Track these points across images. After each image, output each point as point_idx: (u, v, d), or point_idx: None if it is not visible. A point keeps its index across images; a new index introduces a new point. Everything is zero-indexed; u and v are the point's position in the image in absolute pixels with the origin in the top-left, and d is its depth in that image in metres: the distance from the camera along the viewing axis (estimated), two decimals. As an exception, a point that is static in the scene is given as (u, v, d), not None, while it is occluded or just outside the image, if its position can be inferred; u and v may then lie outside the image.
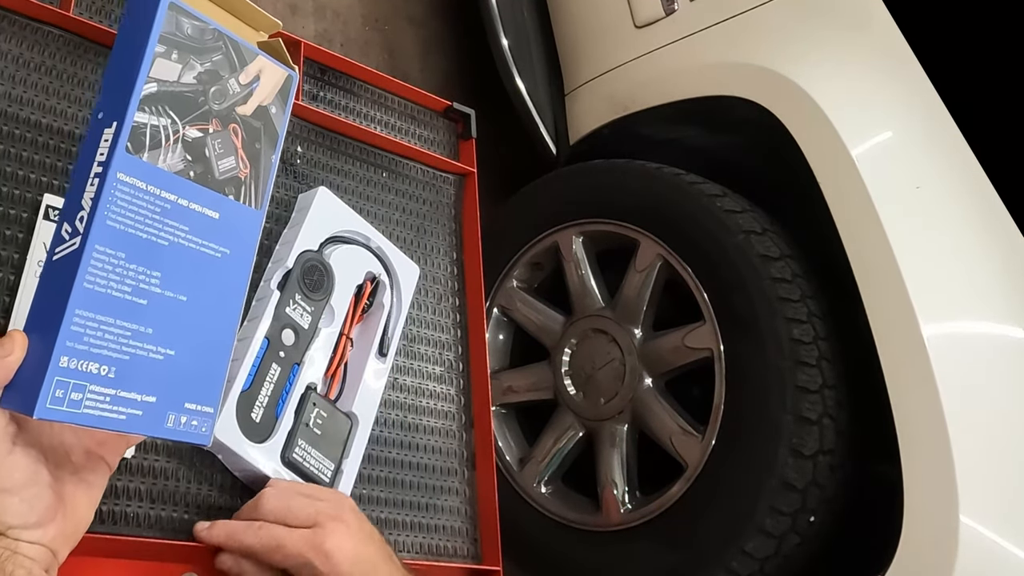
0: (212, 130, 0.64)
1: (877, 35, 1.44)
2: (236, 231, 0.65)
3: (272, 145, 0.68)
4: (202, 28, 0.64)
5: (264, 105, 0.68)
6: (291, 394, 0.86)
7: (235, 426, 0.81)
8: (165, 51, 0.61)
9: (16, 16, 0.84)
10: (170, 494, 0.80)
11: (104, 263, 0.58)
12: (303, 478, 0.85)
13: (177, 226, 0.62)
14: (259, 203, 0.67)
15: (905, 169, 1.39)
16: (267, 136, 0.68)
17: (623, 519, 1.50)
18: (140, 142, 0.60)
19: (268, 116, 0.68)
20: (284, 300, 0.87)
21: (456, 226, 1.12)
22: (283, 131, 0.69)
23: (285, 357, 0.86)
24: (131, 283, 0.60)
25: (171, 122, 0.62)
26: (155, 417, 0.62)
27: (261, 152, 0.68)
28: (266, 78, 0.68)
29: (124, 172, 0.59)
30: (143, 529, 0.77)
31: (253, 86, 0.67)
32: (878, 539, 1.31)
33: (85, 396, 0.58)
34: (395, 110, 1.11)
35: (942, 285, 1.32)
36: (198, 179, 0.63)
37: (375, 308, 0.96)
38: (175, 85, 0.62)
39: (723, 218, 1.48)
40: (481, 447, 1.03)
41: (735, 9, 1.58)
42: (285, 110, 0.69)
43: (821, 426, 1.34)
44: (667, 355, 1.52)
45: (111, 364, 0.59)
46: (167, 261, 0.61)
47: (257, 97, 0.68)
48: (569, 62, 1.91)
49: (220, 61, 0.65)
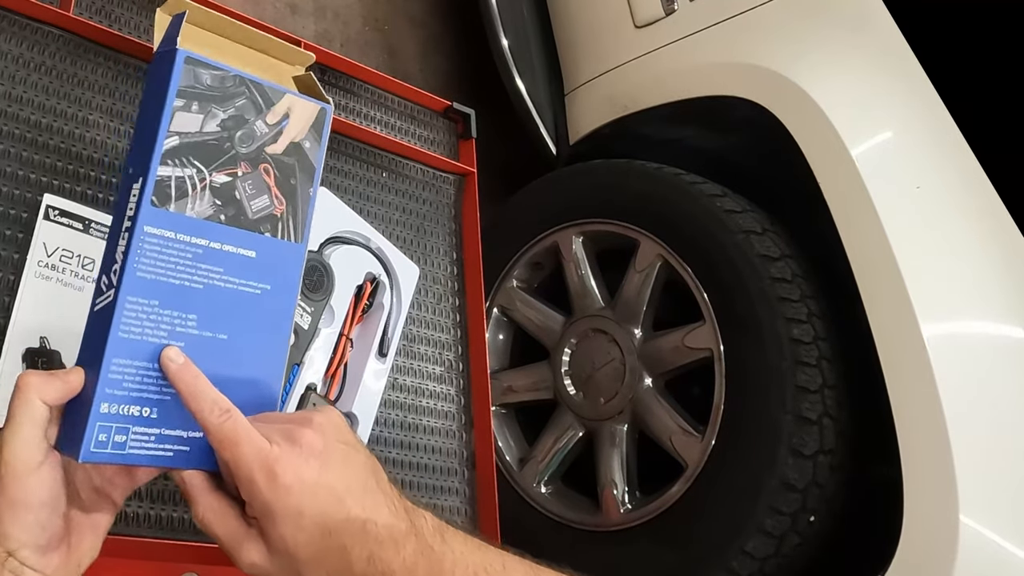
0: (241, 172, 0.66)
1: (877, 35, 1.43)
2: (276, 266, 0.67)
3: (309, 179, 0.70)
4: (222, 76, 0.66)
5: (297, 141, 0.69)
6: (291, 395, 0.86)
7: None
8: (184, 104, 0.63)
9: (16, 16, 0.84)
10: (170, 494, 0.80)
11: (137, 312, 0.61)
12: None
13: (211, 269, 0.64)
14: (299, 236, 0.69)
15: (905, 169, 1.39)
16: (302, 171, 0.70)
17: (623, 519, 1.50)
18: (166, 194, 0.62)
19: (302, 152, 0.70)
20: None
21: (456, 226, 1.12)
22: (320, 163, 0.71)
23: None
24: (166, 327, 0.62)
25: (196, 171, 0.64)
26: (205, 453, 0.63)
27: (297, 187, 0.69)
28: (296, 115, 0.70)
29: (151, 225, 0.61)
30: (143, 529, 0.77)
31: (282, 124, 0.69)
32: (878, 539, 1.31)
33: (129, 438, 0.61)
34: (395, 110, 1.11)
35: (942, 285, 1.32)
36: (230, 221, 0.65)
37: (375, 308, 0.96)
38: (198, 135, 0.64)
39: (723, 218, 1.48)
40: (481, 447, 1.03)
41: (735, 9, 1.58)
42: (321, 143, 0.71)
43: (821, 426, 1.34)
44: (667, 355, 1.52)
45: (152, 406, 0.61)
46: (203, 303, 0.64)
47: (288, 135, 0.69)
48: (569, 62, 1.91)
49: (244, 105, 0.67)
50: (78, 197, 0.82)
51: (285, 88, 0.70)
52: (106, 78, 0.88)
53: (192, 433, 0.63)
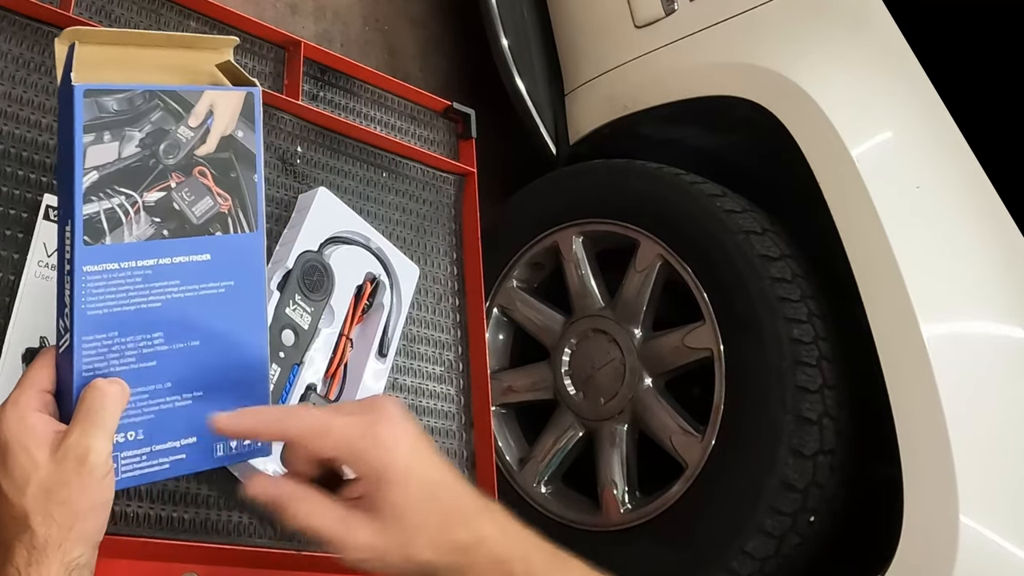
0: (175, 184, 0.65)
1: (877, 35, 1.43)
2: (236, 261, 0.67)
3: (250, 166, 0.69)
4: (129, 97, 0.64)
5: (228, 134, 0.68)
6: (291, 395, 0.86)
7: None
8: (95, 137, 0.62)
9: (16, 16, 0.84)
10: (170, 494, 0.80)
11: (97, 347, 0.61)
12: None
13: (166, 284, 0.64)
14: (253, 225, 0.68)
15: (905, 169, 1.39)
16: (241, 161, 0.68)
17: (623, 519, 1.50)
18: (98, 230, 0.61)
19: (236, 143, 0.68)
20: (284, 301, 0.87)
21: (456, 226, 1.12)
22: (259, 147, 0.69)
23: (285, 358, 0.86)
24: (132, 353, 0.62)
25: (126, 197, 0.63)
26: (201, 454, 0.64)
27: (240, 179, 0.68)
28: (221, 109, 0.68)
29: (90, 263, 0.61)
30: (143, 529, 0.77)
31: (208, 123, 0.67)
32: (878, 539, 1.31)
33: (120, 464, 0.62)
34: (395, 110, 1.11)
35: (942, 285, 1.32)
36: (175, 233, 0.64)
37: (375, 308, 0.96)
38: (117, 163, 0.63)
39: (723, 218, 1.48)
40: (481, 447, 1.03)
41: (735, 9, 1.58)
42: (255, 128, 0.69)
43: (821, 426, 1.34)
44: (667, 355, 1.52)
45: (136, 428, 0.62)
46: (165, 319, 0.63)
47: (217, 131, 0.67)
48: (569, 62, 1.91)
49: (161, 118, 0.65)
50: (78, 197, 0.82)
51: (202, 86, 0.68)
52: (106, 78, 0.88)
53: (184, 440, 0.63)
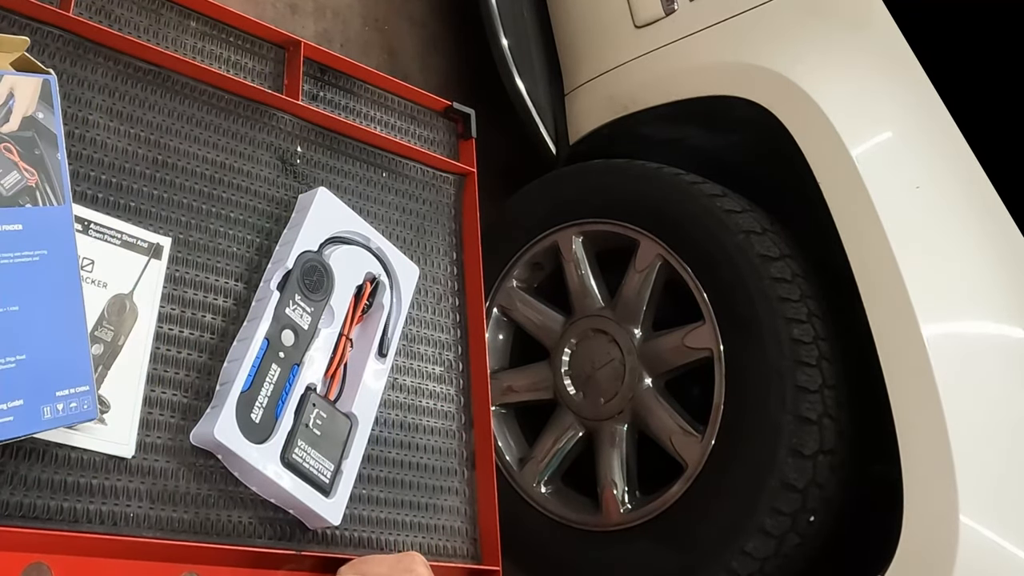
0: None
1: (877, 35, 1.43)
2: (46, 231, 0.72)
3: (53, 145, 0.74)
4: None
5: (30, 115, 0.74)
6: (291, 395, 0.86)
7: (235, 427, 0.81)
8: None
9: (16, 16, 0.84)
10: (170, 494, 0.80)
11: None
12: (302, 479, 0.85)
13: None
14: (61, 199, 0.74)
15: (905, 169, 1.39)
16: (43, 140, 0.74)
17: (623, 519, 1.50)
18: None
19: (37, 123, 0.74)
20: (284, 301, 0.87)
21: (456, 226, 1.12)
22: (59, 129, 0.75)
23: (285, 358, 0.86)
24: None
25: None
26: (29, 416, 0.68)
27: (44, 156, 0.74)
28: (21, 92, 0.74)
29: None
30: (143, 529, 0.77)
31: (10, 104, 0.73)
32: (878, 539, 1.31)
33: None
34: (395, 110, 1.11)
35: (942, 285, 1.32)
36: None
37: (375, 308, 0.96)
38: None
39: (723, 218, 1.48)
40: (481, 447, 1.04)
41: (735, 9, 1.58)
42: (54, 112, 0.76)
43: (821, 426, 1.34)
44: (667, 355, 1.52)
45: None
46: None
47: (19, 111, 0.73)
48: (569, 62, 1.91)
49: None
50: (78, 197, 0.81)
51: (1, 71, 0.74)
52: (106, 78, 0.88)
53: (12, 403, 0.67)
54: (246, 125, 0.96)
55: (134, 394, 0.80)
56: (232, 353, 0.86)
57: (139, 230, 0.84)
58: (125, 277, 0.81)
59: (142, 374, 0.81)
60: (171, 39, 0.95)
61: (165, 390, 0.82)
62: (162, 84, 0.92)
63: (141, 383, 0.80)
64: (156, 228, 0.86)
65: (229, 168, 0.93)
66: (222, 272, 0.89)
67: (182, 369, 0.84)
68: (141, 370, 0.81)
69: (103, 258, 0.80)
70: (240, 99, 0.97)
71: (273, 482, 0.83)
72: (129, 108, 0.89)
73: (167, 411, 0.82)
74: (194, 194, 0.90)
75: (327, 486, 0.87)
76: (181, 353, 0.84)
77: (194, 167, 0.91)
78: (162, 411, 0.82)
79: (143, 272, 0.83)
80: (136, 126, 0.89)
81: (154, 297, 0.83)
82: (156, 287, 0.83)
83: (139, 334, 0.81)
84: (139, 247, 0.83)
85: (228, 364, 0.85)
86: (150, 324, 0.82)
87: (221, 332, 0.87)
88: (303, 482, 0.85)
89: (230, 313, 0.88)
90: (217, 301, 0.88)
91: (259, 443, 0.83)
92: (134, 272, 0.82)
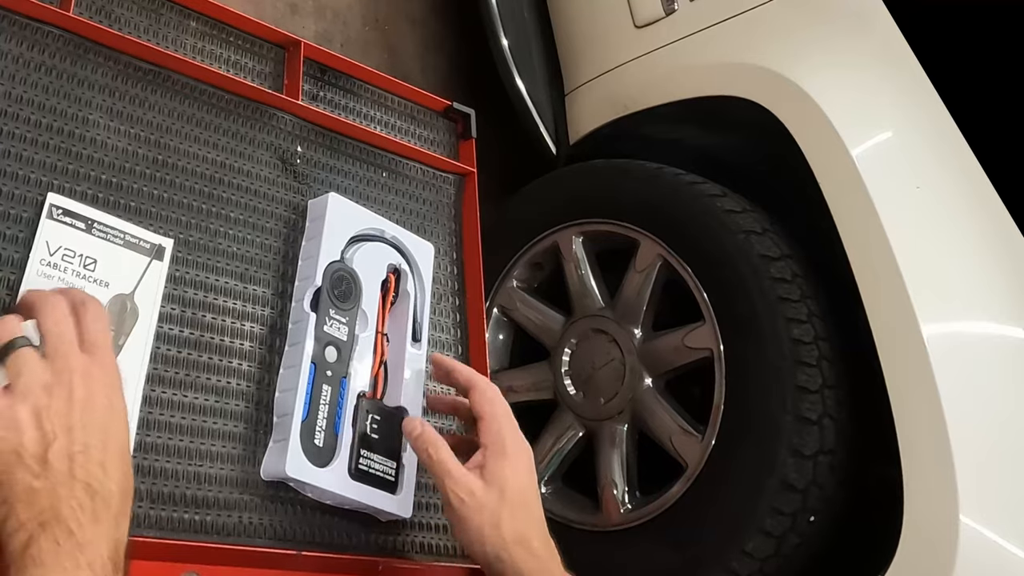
0: None
1: (878, 35, 1.44)
2: None
3: None
4: None
5: None
6: (345, 409, 0.87)
7: (303, 458, 0.82)
8: None
9: (16, 16, 0.84)
10: (170, 494, 0.80)
11: None
12: (371, 484, 0.87)
13: None
14: None
15: (905, 169, 1.39)
16: None
17: (623, 519, 1.50)
18: None
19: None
20: (320, 319, 0.87)
21: (456, 226, 1.12)
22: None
23: (332, 375, 0.87)
24: None
25: None
26: None
27: None
28: None
29: None
30: (143, 529, 0.77)
31: None
32: (878, 539, 1.31)
33: None
34: (395, 110, 1.11)
35: (942, 285, 1.32)
36: None
37: (401, 297, 0.97)
38: None
39: (723, 218, 1.48)
40: (481, 447, 1.03)
41: (735, 9, 1.58)
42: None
43: (821, 426, 1.34)
44: (667, 355, 1.52)
45: None
46: None
47: None
48: (569, 62, 1.91)
49: None
50: (79, 196, 0.81)
51: None
52: (106, 78, 0.88)
53: None
54: (246, 125, 0.96)
55: (134, 394, 0.79)
56: (282, 383, 0.86)
57: (142, 231, 0.84)
58: (127, 277, 0.81)
59: (142, 374, 0.81)
60: (171, 39, 0.95)
61: (165, 390, 0.82)
62: (162, 84, 0.92)
63: (141, 383, 0.80)
64: (156, 228, 0.86)
65: (229, 168, 0.93)
66: (222, 272, 0.89)
67: (182, 369, 0.84)
68: (141, 370, 0.80)
69: (105, 258, 0.80)
70: (240, 99, 0.97)
71: (347, 497, 0.85)
72: (129, 108, 0.89)
73: (167, 411, 0.82)
74: (194, 194, 0.90)
75: (393, 484, 0.89)
76: (181, 353, 0.84)
77: (194, 167, 0.91)
78: (162, 411, 0.82)
79: (144, 273, 0.83)
80: (136, 126, 0.88)
81: (155, 298, 0.83)
82: (157, 288, 0.83)
83: (139, 334, 0.81)
84: (141, 248, 0.83)
85: (280, 394, 0.86)
86: (150, 324, 0.82)
87: (221, 331, 0.87)
88: (373, 487, 0.86)
89: (230, 313, 0.88)
90: (218, 301, 0.88)
91: (326, 465, 0.84)
92: (136, 273, 0.82)
